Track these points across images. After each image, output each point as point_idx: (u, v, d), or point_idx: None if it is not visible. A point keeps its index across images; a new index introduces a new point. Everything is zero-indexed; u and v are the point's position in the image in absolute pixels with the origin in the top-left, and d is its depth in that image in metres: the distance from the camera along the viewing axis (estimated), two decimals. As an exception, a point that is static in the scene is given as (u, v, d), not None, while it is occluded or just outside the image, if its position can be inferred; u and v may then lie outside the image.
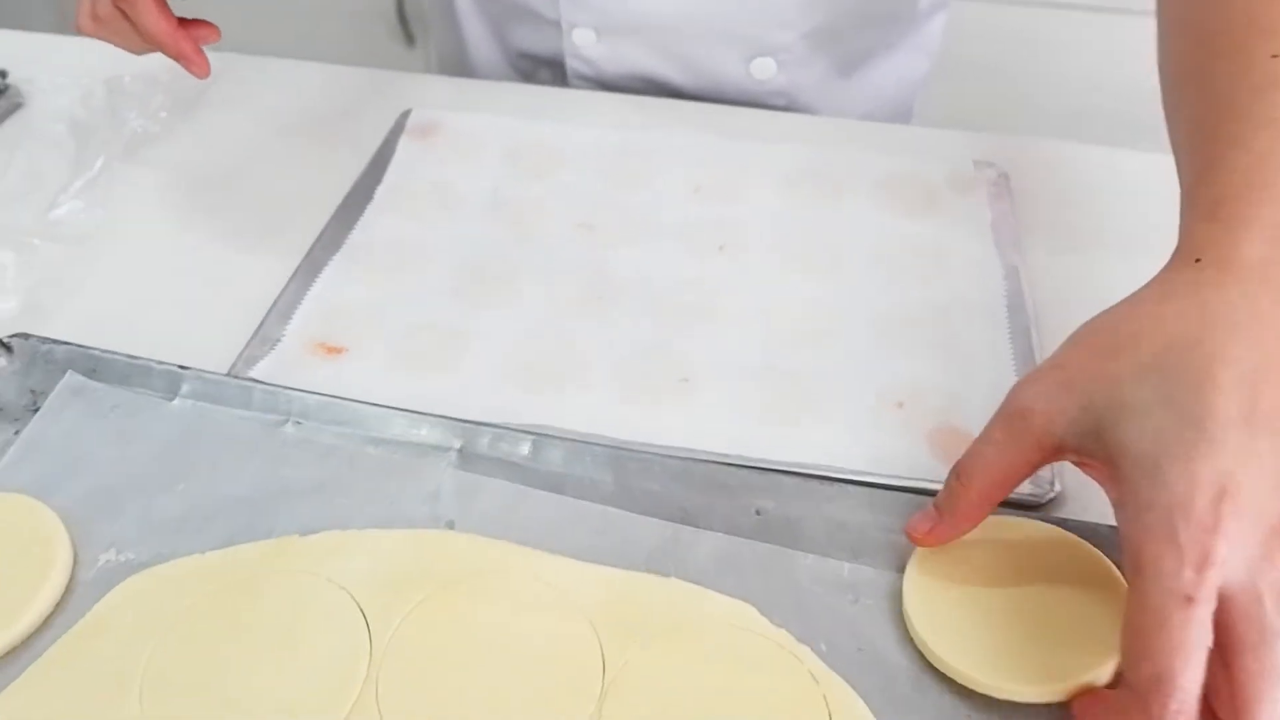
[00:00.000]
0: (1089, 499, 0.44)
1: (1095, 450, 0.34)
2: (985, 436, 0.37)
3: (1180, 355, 0.32)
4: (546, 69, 0.76)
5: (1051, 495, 0.45)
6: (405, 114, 0.67)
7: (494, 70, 0.79)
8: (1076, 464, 0.37)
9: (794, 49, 0.70)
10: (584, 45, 0.72)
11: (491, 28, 0.77)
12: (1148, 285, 0.37)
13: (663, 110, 0.69)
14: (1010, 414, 0.36)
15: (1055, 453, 0.36)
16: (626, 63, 0.72)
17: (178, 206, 0.62)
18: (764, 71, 0.71)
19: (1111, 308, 0.37)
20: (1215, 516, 0.29)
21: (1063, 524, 0.42)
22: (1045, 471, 0.45)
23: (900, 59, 0.76)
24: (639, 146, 0.64)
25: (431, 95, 0.70)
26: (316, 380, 0.49)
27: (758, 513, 0.44)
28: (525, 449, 0.46)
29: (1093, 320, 0.37)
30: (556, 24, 0.72)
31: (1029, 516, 0.43)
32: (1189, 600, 0.29)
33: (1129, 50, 1.34)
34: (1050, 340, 0.52)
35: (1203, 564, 0.29)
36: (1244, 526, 0.29)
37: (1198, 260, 0.35)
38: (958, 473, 0.38)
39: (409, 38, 1.60)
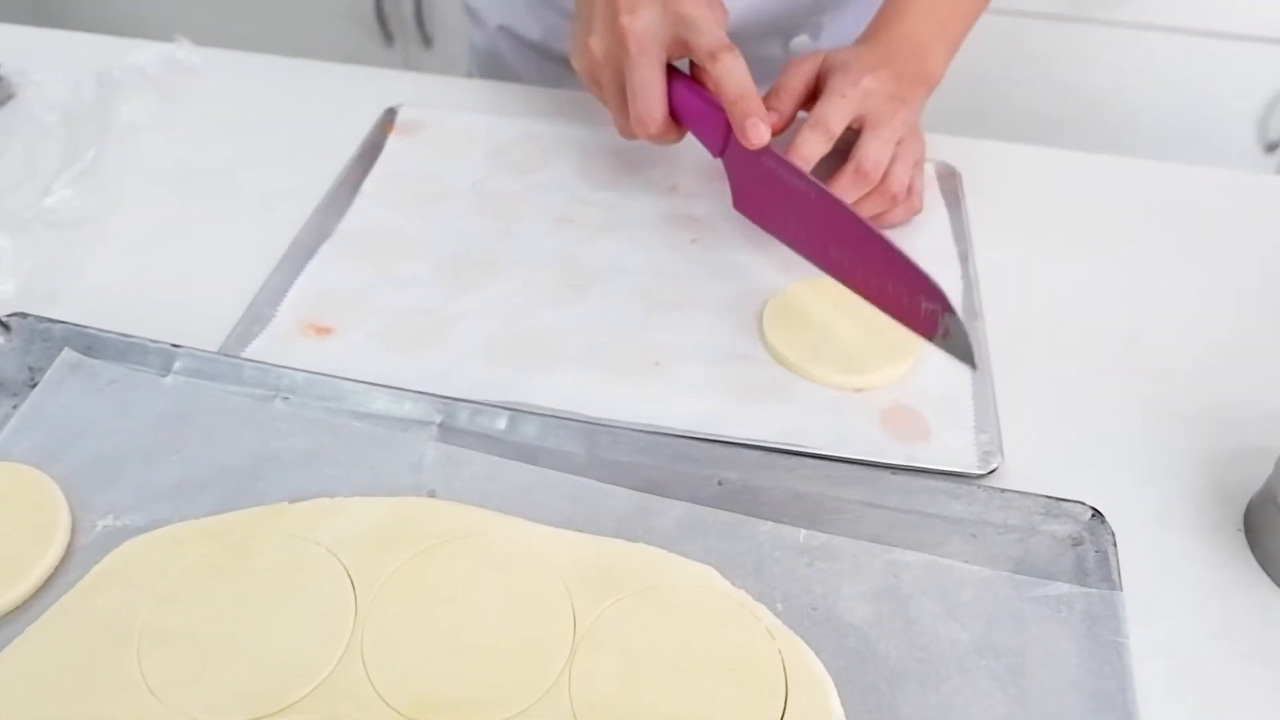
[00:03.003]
0: (1026, 471, 0.48)
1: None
2: (791, 74, 0.61)
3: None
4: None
5: (994, 468, 0.48)
6: (390, 110, 0.70)
7: (534, 72, 0.83)
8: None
9: (823, 19, 0.78)
10: None
11: (536, 63, 0.82)
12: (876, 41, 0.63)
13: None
14: (798, 59, 0.62)
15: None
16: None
17: (168, 194, 0.64)
18: (802, 47, 0.78)
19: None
20: (859, 76, 0.58)
21: (1003, 494, 0.46)
22: (991, 450, 0.49)
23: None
24: (617, 146, 0.67)
25: (412, 92, 0.73)
26: (306, 359, 0.52)
27: (720, 483, 0.47)
28: (502, 423, 0.49)
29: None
30: None
31: (975, 485, 0.46)
32: (843, 96, 0.57)
33: (1086, 58, 1.40)
34: (995, 330, 0.55)
35: (855, 85, 0.57)
36: (879, 85, 0.58)
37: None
38: (785, 89, 0.61)
39: (387, 36, 1.62)
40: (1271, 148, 1.42)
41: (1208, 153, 1.43)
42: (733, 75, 0.55)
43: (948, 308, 0.48)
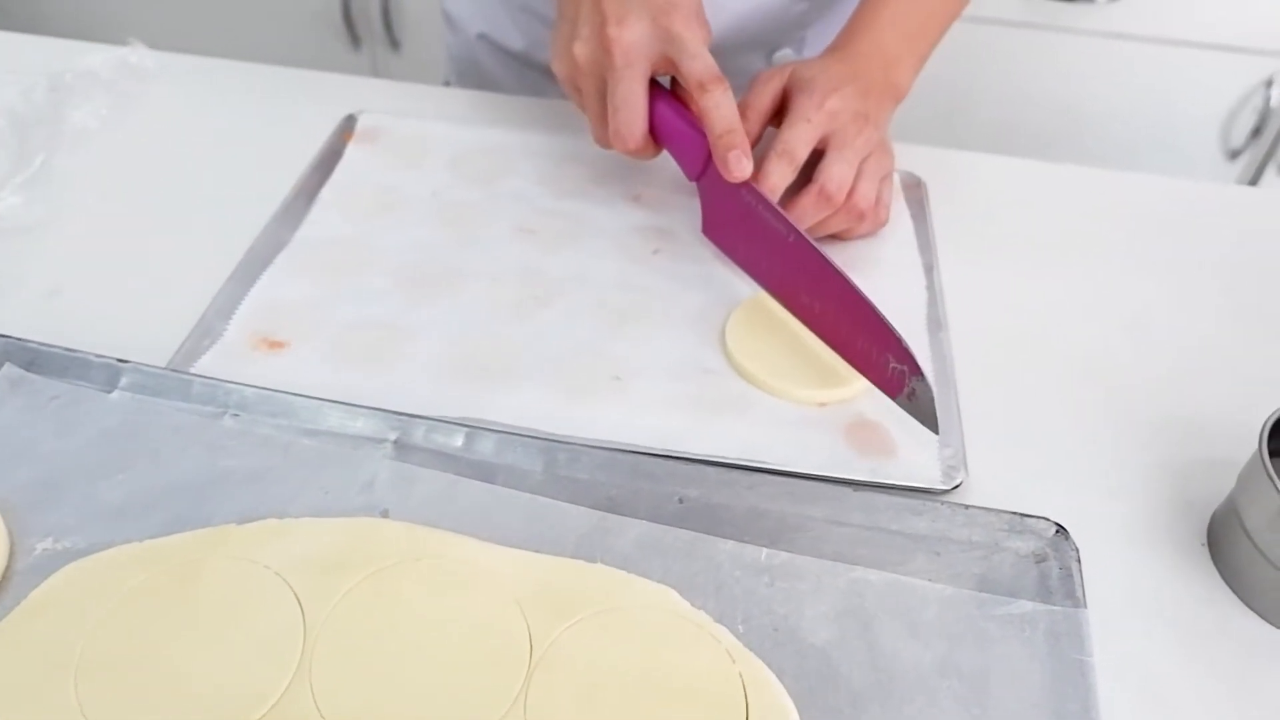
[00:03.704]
0: (990, 486, 0.48)
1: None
2: (758, 93, 0.60)
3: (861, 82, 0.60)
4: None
5: (958, 483, 0.48)
6: (349, 118, 0.69)
7: (515, 83, 0.82)
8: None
9: (807, 33, 0.77)
10: None
11: (517, 72, 0.80)
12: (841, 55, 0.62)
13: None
14: (767, 76, 0.61)
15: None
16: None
17: (119, 202, 0.63)
18: (785, 59, 0.78)
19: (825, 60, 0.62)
20: (824, 97, 0.57)
21: (966, 510, 0.45)
22: (955, 465, 0.48)
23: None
24: (581, 154, 0.66)
25: (374, 99, 0.71)
26: (258, 374, 0.50)
27: (681, 501, 0.46)
28: (459, 440, 0.48)
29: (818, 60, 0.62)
30: None
31: (939, 501, 0.45)
32: (808, 121, 0.56)
33: (1053, 66, 1.41)
34: (960, 341, 0.55)
35: (820, 108, 0.57)
36: (843, 105, 0.57)
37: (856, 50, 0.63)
38: (751, 108, 0.60)
39: (354, 40, 1.60)
40: (1234, 154, 1.44)
41: (1172, 160, 1.44)
42: (720, 110, 0.54)
43: (916, 371, 0.47)
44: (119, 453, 0.46)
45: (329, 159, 0.65)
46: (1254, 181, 1.45)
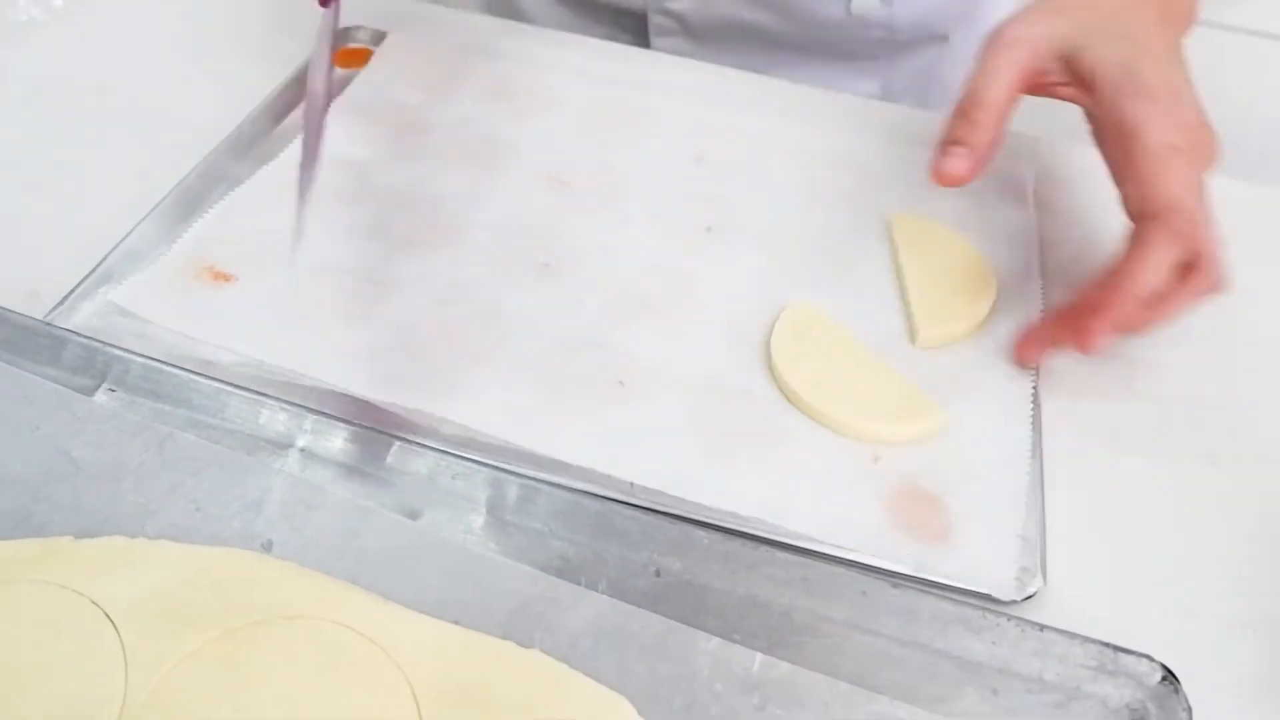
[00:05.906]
0: (1073, 601, 0.35)
1: (1070, 69, 0.42)
2: (985, 69, 0.42)
3: (1127, 17, 0.42)
4: (628, 18, 0.68)
5: (1032, 592, 0.35)
6: (381, 35, 0.59)
7: (549, 16, 0.71)
8: (1044, 88, 0.43)
9: None
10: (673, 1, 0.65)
11: (548, 4, 0.70)
12: None
13: (676, 69, 0.59)
14: (1006, 45, 0.42)
15: (1036, 75, 0.42)
16: (716, 13, 0.65)
17: (60, 105, 0.53)
18: (864, 7, 0.64)
19: None
20: (1178, 93, 0.40)
21: (1041, 632, 0.33)
22: (1031, 566, 0.36)
23: None
24: (641, 102, 0.55)
25: (409, 11, 0.61)
26: (189, 309, 0.42)
27: (658, 573, 0.35)
28: (388, 455, 0.37)
29: None
30: None
31: (1004, 616, 0.33)
32: (1177, 149, 0.39)
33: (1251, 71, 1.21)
34: (1052, 383, 0.42)
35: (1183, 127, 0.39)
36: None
37: None
38: (978, 103, 0.41)
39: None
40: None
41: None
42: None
43: None
44: (-50, 426, 0.37)
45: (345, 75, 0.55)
46: None
